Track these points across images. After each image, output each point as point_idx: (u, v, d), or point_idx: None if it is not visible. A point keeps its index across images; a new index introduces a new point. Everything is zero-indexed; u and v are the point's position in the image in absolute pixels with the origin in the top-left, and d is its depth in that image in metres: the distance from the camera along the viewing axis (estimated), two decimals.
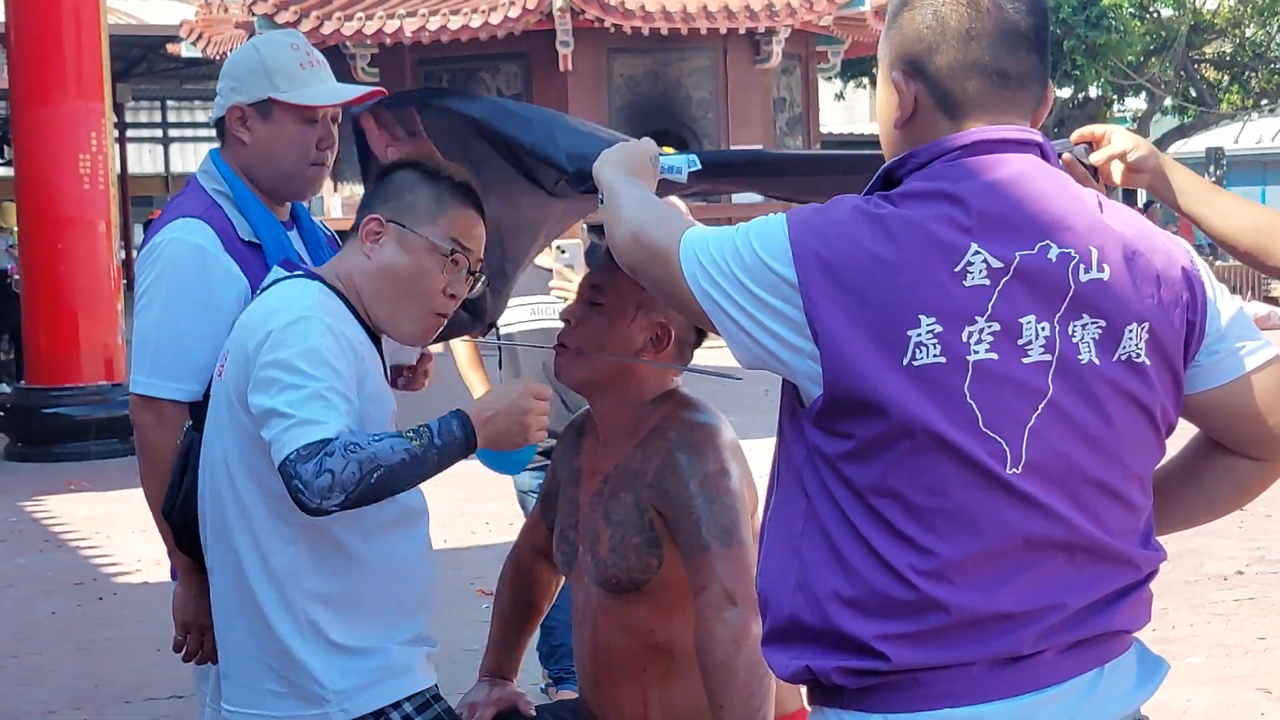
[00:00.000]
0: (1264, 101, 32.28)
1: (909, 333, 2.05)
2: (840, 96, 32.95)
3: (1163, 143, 32.06)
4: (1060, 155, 2.84)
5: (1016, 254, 2.09)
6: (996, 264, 2.08)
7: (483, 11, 20.21)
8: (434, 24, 20.30)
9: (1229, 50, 31.51)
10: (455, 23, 20.22)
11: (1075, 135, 2.88)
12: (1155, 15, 30.10)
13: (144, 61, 29.99)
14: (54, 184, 12.06)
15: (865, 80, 31.81)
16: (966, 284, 2.07)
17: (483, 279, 3.04)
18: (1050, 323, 2.10)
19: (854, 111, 41.55)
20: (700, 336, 3.11)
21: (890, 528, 2.08)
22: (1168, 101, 31.22)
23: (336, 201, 23.10)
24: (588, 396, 3.16)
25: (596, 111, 21.38)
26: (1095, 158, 2.83)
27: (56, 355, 12.13)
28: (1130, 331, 2.13)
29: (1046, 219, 2.12)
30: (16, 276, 14.11)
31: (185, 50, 24.41)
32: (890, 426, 2.06)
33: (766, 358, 2.12)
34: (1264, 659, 6.42)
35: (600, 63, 21.47)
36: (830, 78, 28.01)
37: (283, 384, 2.73)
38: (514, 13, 20.00)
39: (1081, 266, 2.11)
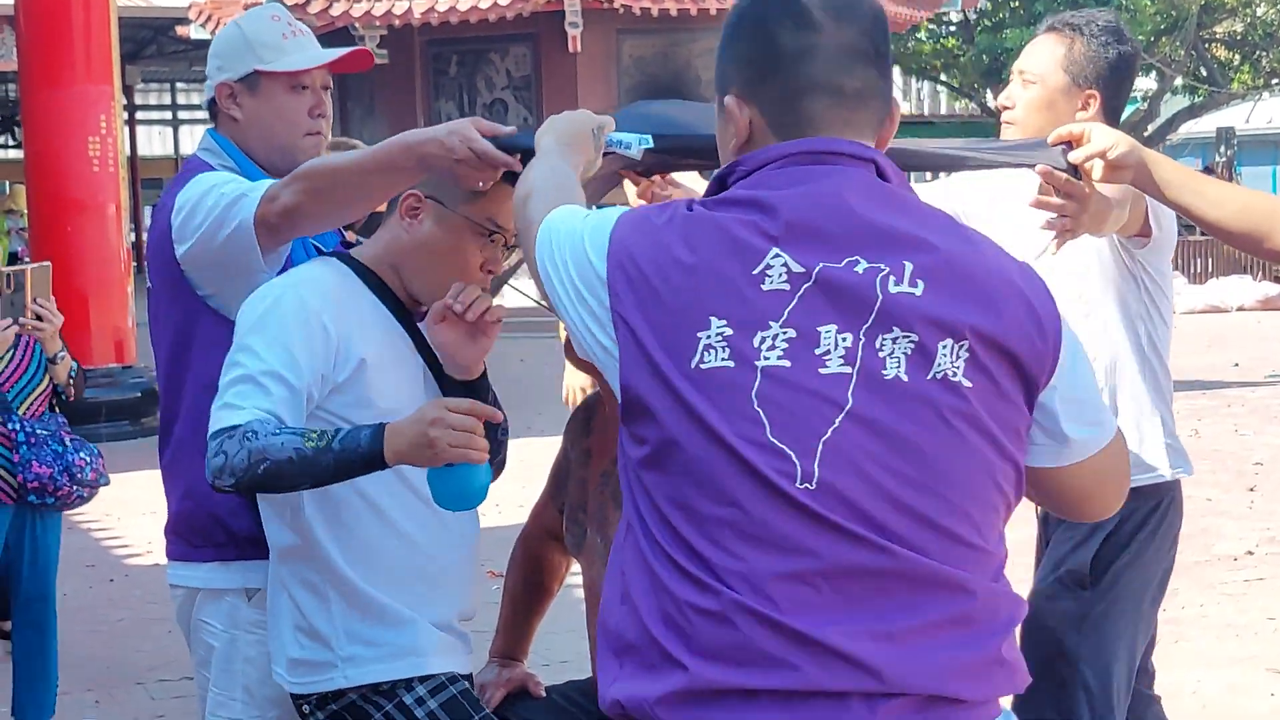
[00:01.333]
0: (1275, 81, 32.15)
1: (699, 334, 2.00)
2: None
3: (1173, 122, 31.97)
4: (1034, 167, 2.85)
5: (820, 264, 2.00)
6: (798, 269, 2.00)
7: None
8: (443, 5, 20.26)
9: (1240, 30, 31.35)
10: (464, 4, 20.18)
11: (1053, 135, 2.88)
12: None
13: (153, 44, 29.97)
14: (64, 167, 12.07)
15: None
16: (764, 288, 2.00)
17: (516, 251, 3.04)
18: (855, 334, 1.99)
19: None
20: None
21: (683, 540, 1.99)
22: (1178, 81, 31.06)
23: None
24: (596, 375, 3.16)
25: (605, 93, 21.36)
26: (1074, 156, 2.83)
27: (67, 338, 12.00)
28: (943, 349, 1.99)
29: (860, 233, 2.02)
30: (27, 259, 14.14)
31: (194, 32, 24.39)
32: (671, 432, 2.00)
33: (590, 350, 2.12)
34: (1274, 639, 6.42)
35: (609, 44, 21.42)
36: None
37: (230, 361, 2.82)
38: None
39: (891, 279, 2.00)
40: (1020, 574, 4.92)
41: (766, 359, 1.98)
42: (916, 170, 3.40)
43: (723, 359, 1.99)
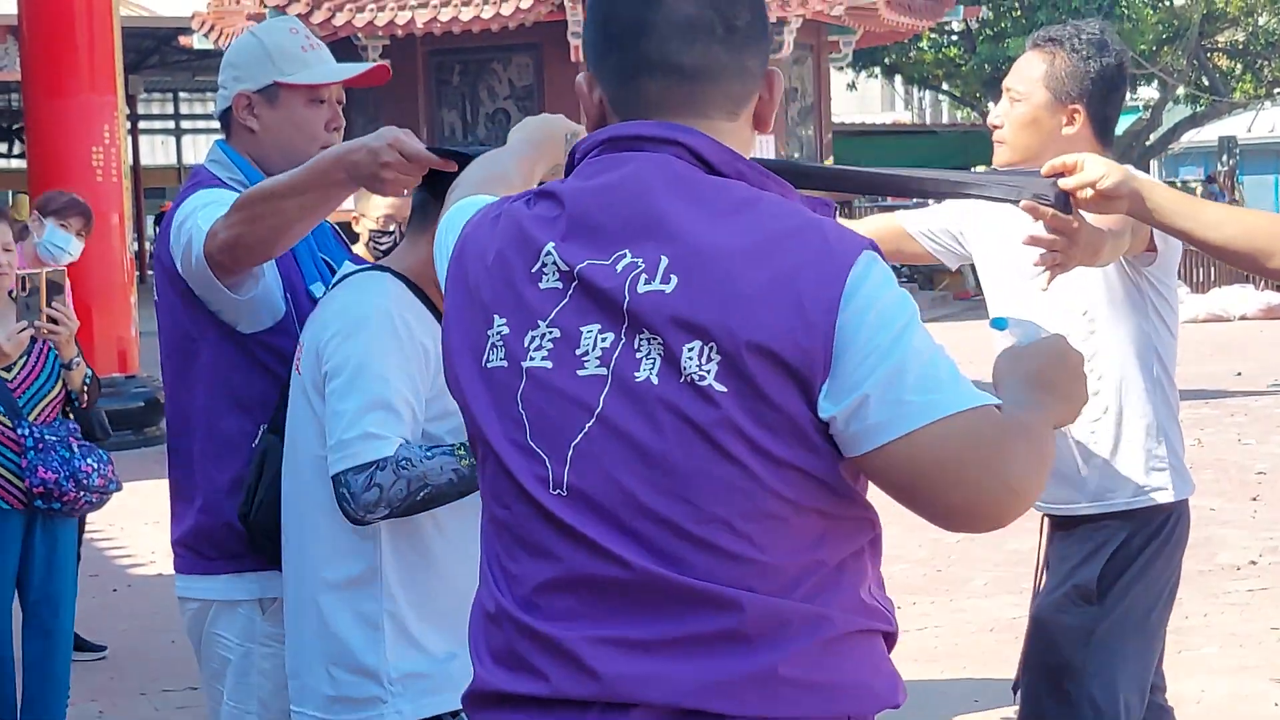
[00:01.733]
0: (1277, 90, 32.20)
1: (487, 332, 1.98)
2: (852, 86, 32.90)
3: (1176, 132, 32.02)
4: (1019, 203, 2.86)
5: (584, 261, 1.93)
6: (564, 268, 1.94)
7: (494, 3, 20.22)
8: (445, 15, 20.30)
9: (1242, 39, 31.42)
10: (467, 14, 20.22)
11: (1046, 167, 2.89)
12: (1168, 4, 30.04)
13: (156, 53, 30.01)
14: (67, 177, 12.04)
15: (877, 70, 31.76)
16: (541, 286, 1.96)
17: None
18: (616, 335, 1.91)
19: (865, 101, 41.50)
20: None
21: (489, 541, 2.02)
22: (1180, 91, 31.13)
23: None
24: None
25: None
26: (1065, 184, 2.84)
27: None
28: (689, 351, 1.87)
29: (636, 225, 1.92)
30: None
31: (197, 42, 24.40)
32: (473, 430, 2.02)
33: None
34: (1277, 649, 6.42)
35: None
36: (842, 67, 27.98)
37: (345, 390, 2.79)
38: (525, 4, 19.99)
39: (643, 277, 1.90)
40: (1023, 584, 4.95)
41: (532, 360, 1.94)
42: (907, 196, 3.41)
43: (500, 359, 1.97)
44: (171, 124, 40.10)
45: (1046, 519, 3.65)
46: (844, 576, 1.93)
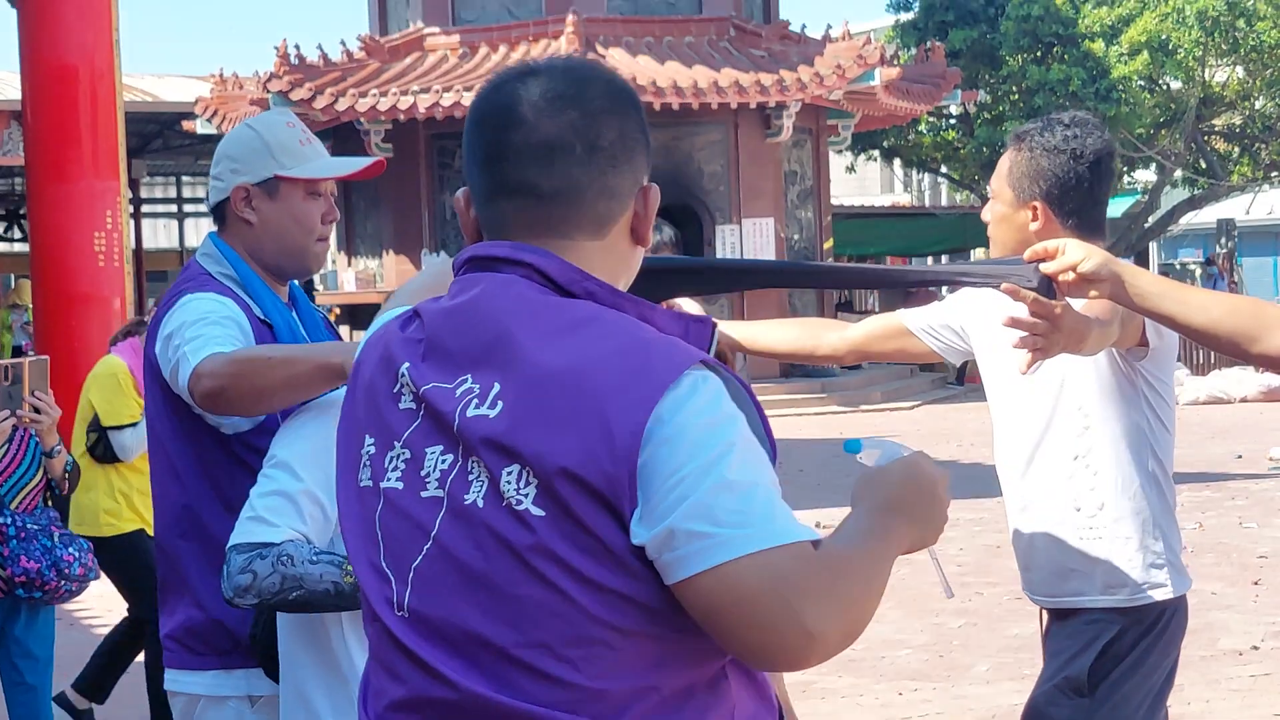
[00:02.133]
0: (1274, 173, 32.35)
1: (360, 451, 2.01)
2: (851, 169, 33.09)
3: (1174, 214, 32.14)
4: (999, 286, 2.88)
5: (431, 382, 1.95)
6: (414, 389, 1.96)
7: None
8: (447, 100, 20.46)
9: (1239, 122, 31.60)
10: (467, 98, 20.35)
11: (1028, 253, 2.91)
12: (1165, 88, 30.24)
13: (159, 137, 30.19)
14: (69, 261, 12.12)
15: (875, 153, 31.95)
16: (400, 407, 1.98)
17: None
18: (454, 458, 1.91)
19: (865, 183, 41.73)
20: None
21: (368, 658, 2.05)
22: (1178, 173, 31.28)
23: (350, 276, 23.21)
24: None
25: None
26: (1046, 268, 2.86)
27: (70, 430, 12.15)
28: (508, 475, 1.86)
29: (477, 349, 1.94)
30: (31, 353, 14.16)
31: (200, 126, 24.60)
32: (346, 548, 2.06)
33: None
34: None
35: None
36: (841, 150, 28.16)
37: (266, 472, 2.84)
38: None
39: (474, 402, 1.90)
40: (1026, 670, 4.90)
41: (388, 480, 1.96)
42: (891, 288, 3.44)
43: (368, 478, 1.99)
44: (174, 207, 40.25)
45: (1044, 611, 3.65)
46: (690, 704, 1.89)
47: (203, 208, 40.98)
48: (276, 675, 2.99)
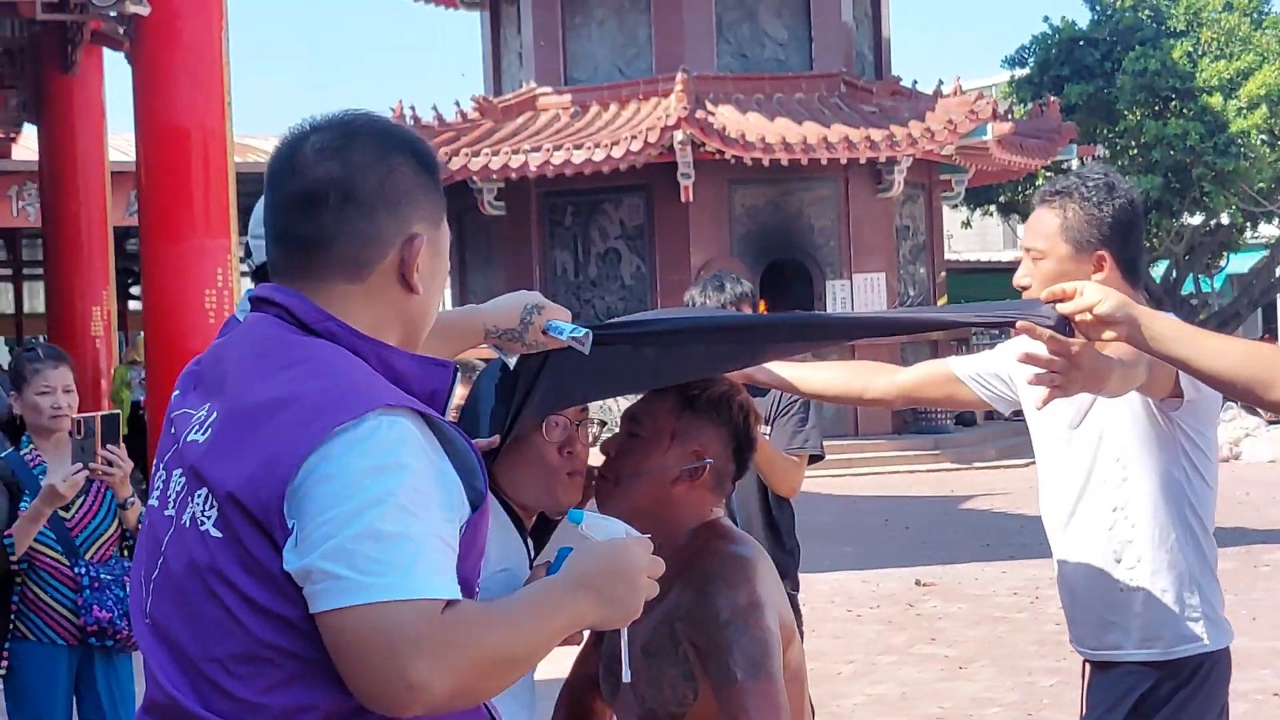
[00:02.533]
0: None
1: (156, 475, 2.17)
2: (968, 224, 32.87)
3: None
4: (1015, 324, 2.88)
5: (181, 409, 2.13)
6: (171, 415, 2.16)
7: (605, 145, 20.54)
8: (558, 158, 20.65)
9: None
10: (579, 157, 20.56)
11: (1045, 294, 2.91)
12: None
13: None
14: (181, 318, 12.34)
15: (991, 208, 31.71)
16: (170, 431, 2.14)
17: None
18: (186, 479, 2.05)
19: (986, 238, 41.42)
20: (741, 467, 3.13)
21: None
22: None
23: None
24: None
25: (717, 240, 21.58)
26: (1063, 309, 2.85)
27: None
28: (199, 498, 2.01)
29: (214, 379, 2.10)
30: (144, 411, 14.44)
31: None
32: None
33: None
34: None
35: (721, 193, 21.69)
36: (955, 205, 28.02)
37: None
38: (635, 146, 20.29)
39: (196, 427, 2.07)
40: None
41: (152, 500, 2.14)
42: (902, 333, 3.43)
43: (154, 498, 2.15)
44: None
45: (1086, 663, 3.61)
46: None
47: None
48: None
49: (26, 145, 19.61)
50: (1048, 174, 30.04)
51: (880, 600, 10.80)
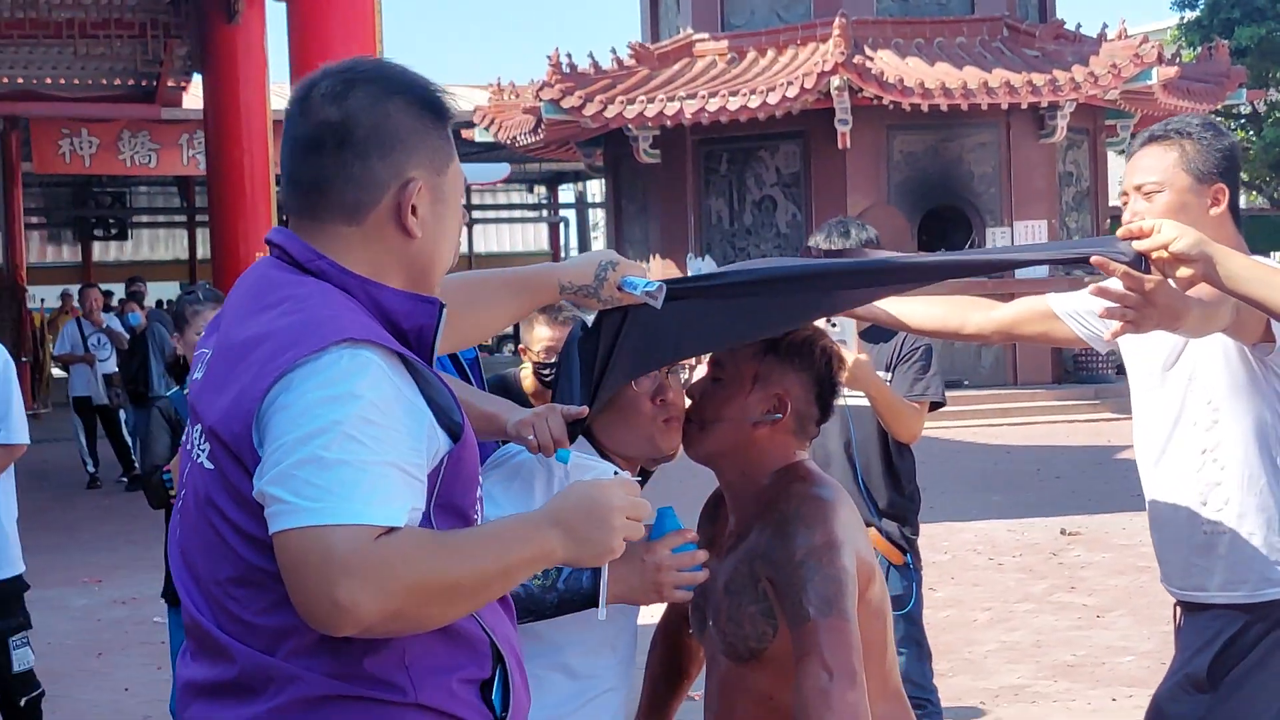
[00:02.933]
0: None
1: None
2: None
3: None
4: (1090, 258, 2.87)
5: (199, 348, 2.28)
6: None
7: (760, 92, 20.47)
8: (713, 105, 20.62)
9: None
10: (734, 103, 20.51)
11: (1122, 230, 2.89)
12: None
13: None
14: None
15: None
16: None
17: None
18: (192, 416, 2.22)
19: None
20: (825, 411, 3.17)
21: None
22: None
23: None
24: (715, 469, 3.25)
25: (875, 186, 21.44)
26: (1139, 245, 2.84)
27: None
28: (196, 433, 2.17)
29: (222, 318, 2.24)
30: None
31: (479, 135, 25.24)
32: None
33: None
34: None
35: (879, 139, 21.52)
36: (1121, 151, 27.51)
37: None
38: (792, 92, 20.20)
39: (199, 364, 2.22)
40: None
41: (189, 440, 2.25)
42: (982, 273, 3.43)
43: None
44: (462, 214, 41.38)
45: (1178, 605, 3.61)
46: (336, 641, 2.05)
47: (490, 214, 42.08)
48: None
49: (196, 95, 20.08)
50: (1219, 118, 29.39)
51: (1024, 549, 10.74)
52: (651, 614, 3.63)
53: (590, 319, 2.89)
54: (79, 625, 9.18)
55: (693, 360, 3.75)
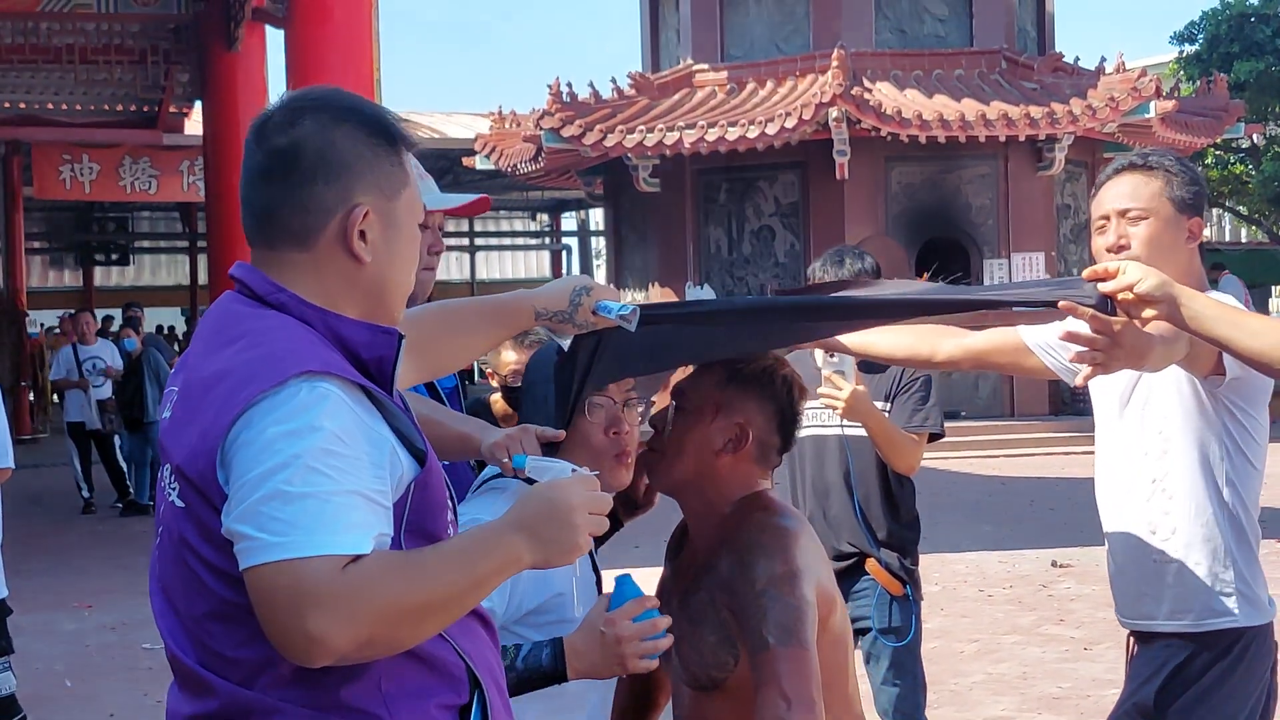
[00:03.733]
0: None
1: None
2: None
3: None
4: (1057, 304, 2.90)
5: (171, 385, 2.27)
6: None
7: (759, 123, 20.53)
8: (712, 135, 20.68)
9: None
10: (733, 134, 20.57)
11: (1087, 272, 2.92)
12: None
13: (450, 173, 31.18)
14: None
15: None
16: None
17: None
18: (163, 454, 2.23)
19: None
20: (787, 440, 3.19)
21: None
22: None
23: None
24: (678, 499, 3.26)
25: (873, 217, 21.48)
26: (1105, 288, 2.87)
27: None
28: (166, 472, 2.18)
29: (189, 355, 2.25)
30: None
31: (479, 163, 25.32)
32: None
33: None
34: None
35: (877, 170, 21.57)
36: None
37: None
38: (790, 123, 20.26)
39: (167, 402, 2.24)
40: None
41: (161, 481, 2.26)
42: (944, 313, 3.44)
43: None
44: (466, 241, 41.51)
45: (1130, 636, 3.65)
46: (313, 672, 2.07)
47: (493, 241, 42.20)
48: None
49: (198, 121, 20.14)
50: (1216, 152, 29.45)
51: (1014, 580, 10.75)
52: None
53: (566, 344, 2.90)
54: (67, 650, 9.17)
55: (653, 398, 3.76)
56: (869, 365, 4.86)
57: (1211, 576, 3.46)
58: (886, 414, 4.91)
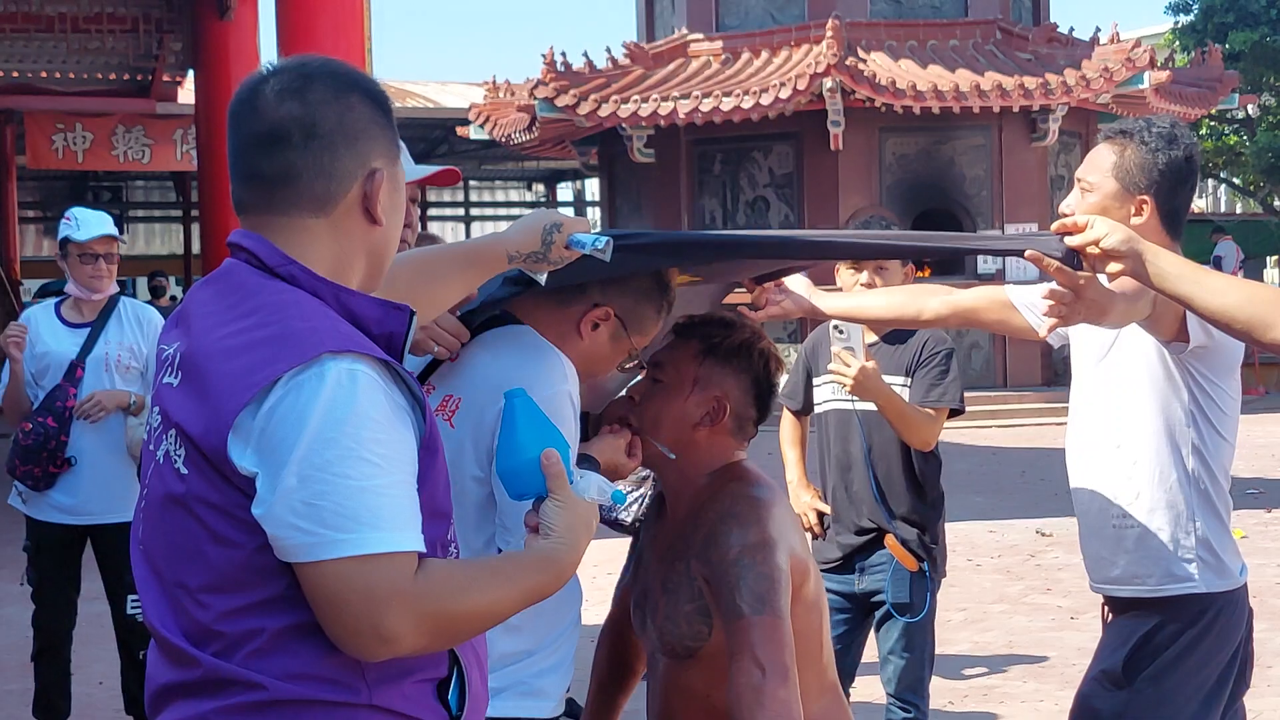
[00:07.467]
0: None
1: None
2: None
3: None
4: (1024, 253, 2.94)
5: (160, 344, 2.28)
6: (157, 348, 2.30)
7: (754, 93, 20.51)
8: (707, 105, 20.66)
9: None
10: (728, 104, 20.56)
11: (1055, 225, 2.96)
12: None
13: (445, 143, 31.14)
14: None
15: None
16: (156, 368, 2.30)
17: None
18: (162, 417, 2.22)
19: None
20: (763, 412, 3.22)
21: None
22: None
23: None
24: (654, 469, 3.30)
25: (868, 189, 21.47)
26: (1071, 241, 2.91)
27: None
28: (170, 438, 2.16)
29: (183, 318, 2.24)
30: None
31: (473, 132, 25.27)
32: None
33: None
34: None
35: (871, 141, 21.56)
36: None
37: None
38: (785, 94, 20.25)
39: (166, 366, 2.22)
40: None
41: (148, 438, 2.27)
42: (915, 257, 3.48)
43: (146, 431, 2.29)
44: (461, 210, 41.46)
45: (1104, 601, 3.68)
46: (294, 644, 2.10)
47: (488, 211, 42.13)
48: None
49: (192, 89, 20.09)
50: (1211, 123, 29.42)
51: (1002, 550, 10.80)
52: (597, 614, 3.67)
53: (543, 279, 2.87)
54: None
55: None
56: (892, 336, 4.87)
57: (1174, 542, 3.50)
58: (907, 389, 4.91)
